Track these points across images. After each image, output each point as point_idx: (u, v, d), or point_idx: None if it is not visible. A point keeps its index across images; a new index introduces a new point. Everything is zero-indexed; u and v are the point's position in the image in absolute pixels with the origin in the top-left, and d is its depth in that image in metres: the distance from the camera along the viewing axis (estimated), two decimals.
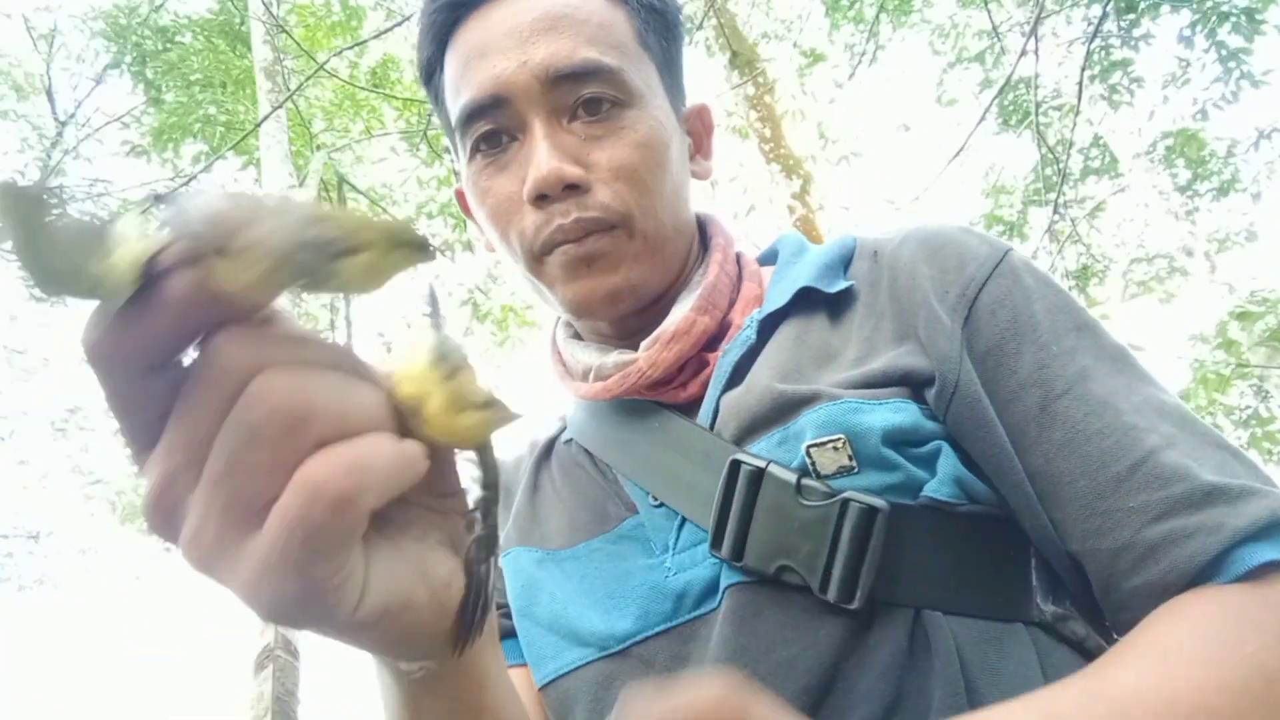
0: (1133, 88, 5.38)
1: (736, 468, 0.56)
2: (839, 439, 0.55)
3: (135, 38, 6.69)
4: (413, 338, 0.31)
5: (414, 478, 0.29)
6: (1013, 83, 4.98)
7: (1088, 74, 4.64)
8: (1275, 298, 4.84)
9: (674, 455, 0.61)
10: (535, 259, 0.64)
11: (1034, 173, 5.67)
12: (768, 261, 0.75)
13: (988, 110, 4.17)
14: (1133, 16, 4.92)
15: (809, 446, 0.55)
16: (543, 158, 0.61)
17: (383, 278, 0.28)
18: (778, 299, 0.66)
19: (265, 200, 0.26)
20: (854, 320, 0.64)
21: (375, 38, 5.79)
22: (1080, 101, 4.32)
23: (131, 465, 0.28)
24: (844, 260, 0.69)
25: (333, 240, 0.26)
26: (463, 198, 0.73)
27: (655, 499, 0.62)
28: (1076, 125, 4.58)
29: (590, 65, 0.62)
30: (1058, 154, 4.60)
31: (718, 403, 0.62)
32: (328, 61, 4.29)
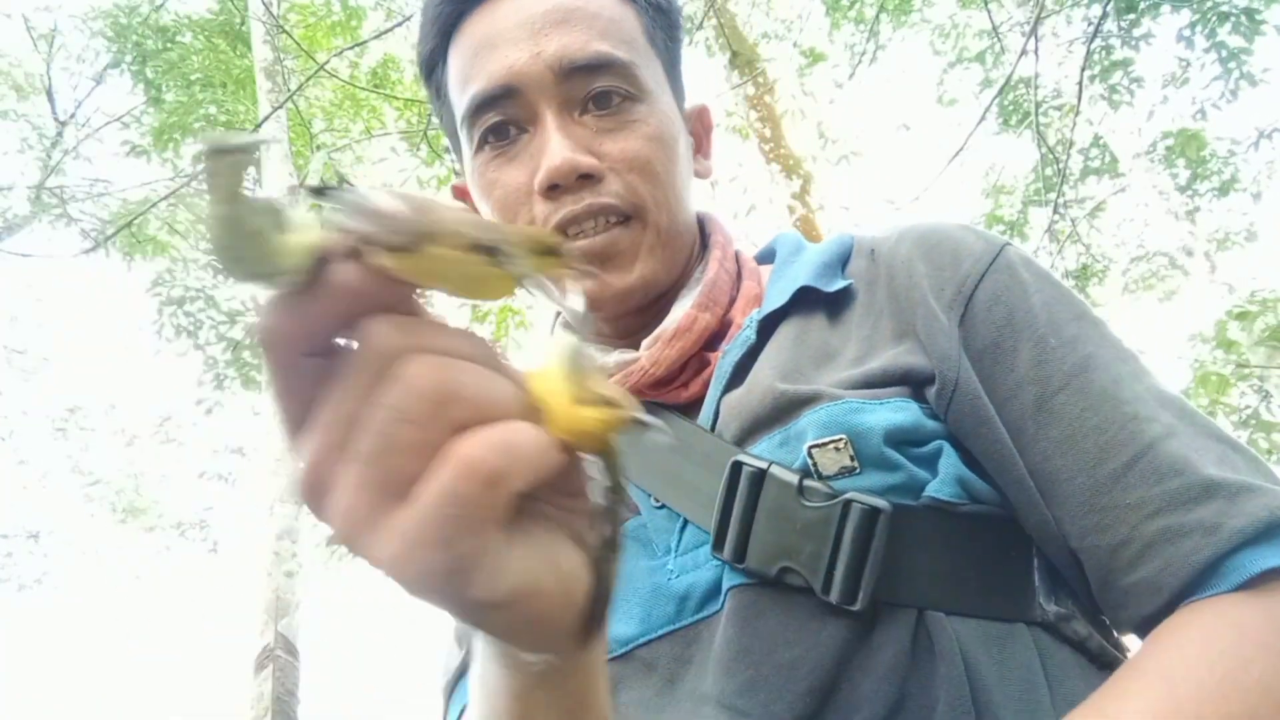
0: (1133, 88, 5.38)
1: (738, 469, 0.56)
2: (840, 439, 0.55)
3: (135, 37, 6.70)
4: (549, 341, 0.32)
5: (553, 468, 0.30)
6: (1013, 83, 4.99)
7: (1088, 74, 4.64)
8: (1275, 297, 4.83)
9: (675, 457, 0.61)
10: None
11: (1034, 173, 5.67)
12: (765, 260, 0.75)
13: (988, 110, 4.16)
14: (1133, 16, 4.92)
15: (811, 447, 0.55)
16: (556, 147, 0.61)
17: (529, 284, 0.30)
18: (777, 298, 0.65)
19: (431, 201, 0.29)
20: (853, 319, 0.63)
21: (375, 38, 5.78)
22: (1080, 101, 4.32)
23: (288, 444, 0.30)
24: (842, 259, 0.69)
25: (498, 243, 0.28)
26: (460, 192, 0.72)
27: (657, 501, 0.61)
28: (1076, 125, 4.58)
29: (603, 58, 0.62)
30: (1058, 154, 4.60)
31: (719, 404, 0.62)
32: (328, 61, 4.28)
